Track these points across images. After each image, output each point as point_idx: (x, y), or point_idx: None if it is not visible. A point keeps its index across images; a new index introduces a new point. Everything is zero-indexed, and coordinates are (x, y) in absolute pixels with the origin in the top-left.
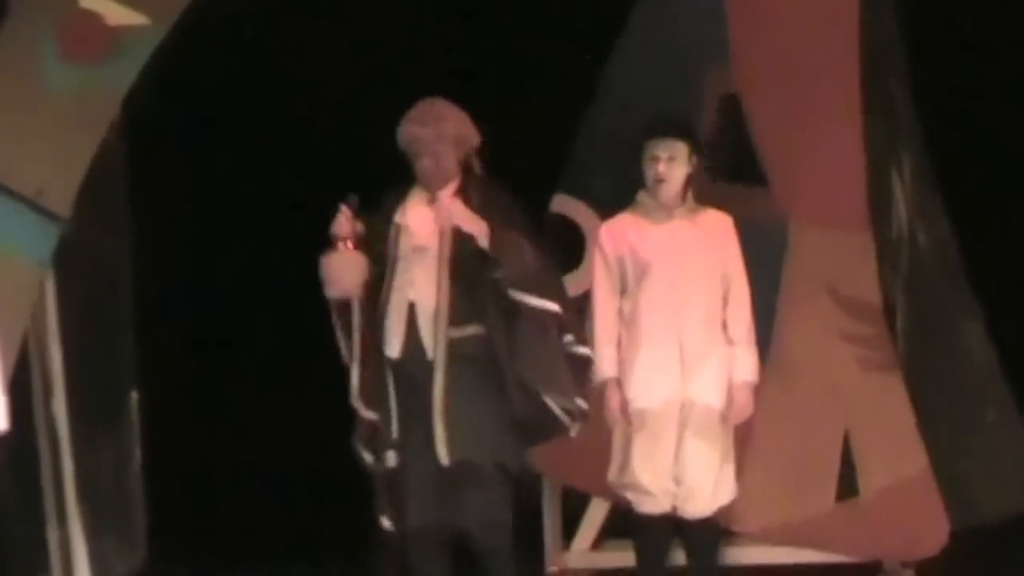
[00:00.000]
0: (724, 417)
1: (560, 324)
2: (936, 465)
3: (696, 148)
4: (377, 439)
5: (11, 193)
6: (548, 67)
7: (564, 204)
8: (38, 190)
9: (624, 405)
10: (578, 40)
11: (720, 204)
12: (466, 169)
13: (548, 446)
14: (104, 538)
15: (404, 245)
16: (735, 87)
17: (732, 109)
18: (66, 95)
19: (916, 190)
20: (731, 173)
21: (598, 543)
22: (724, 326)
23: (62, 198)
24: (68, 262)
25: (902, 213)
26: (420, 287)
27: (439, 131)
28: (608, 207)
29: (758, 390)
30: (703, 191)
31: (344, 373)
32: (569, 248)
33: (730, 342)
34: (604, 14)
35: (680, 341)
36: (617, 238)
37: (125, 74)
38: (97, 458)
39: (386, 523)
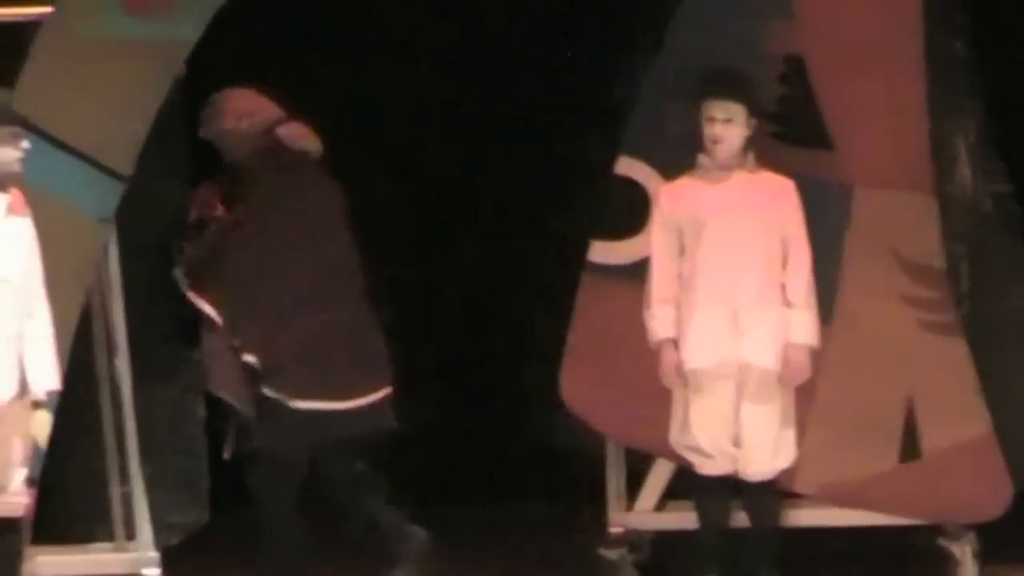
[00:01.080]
0: (781, 379)
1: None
2: (999, 426)
3: (755, 110)
4: None
5: (73, 150)
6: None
7: (628, 166)
8: (100, 147)
9: (679, 366)
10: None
11: (782, 166)
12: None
13: (611, 408)
14: (166, 495)
15: None
16: (799, 48)
17: (796, 70)
18: (130, 49)
19: (979, 150)
20: (794, 135)
21: (661, 504)
22: (783, 288)
23: (124, 155)
24: (130, 220)
25: (966, 174)
26: None
27: (210, 129)
28: (671, 168)
29: (820, 351)
30: (765, 153)
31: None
32: (635, 210)
33: (788, 304)
34: None
35: (734, 302)
36: (675, 200)
37: (190, 28)
38: (159, 415)
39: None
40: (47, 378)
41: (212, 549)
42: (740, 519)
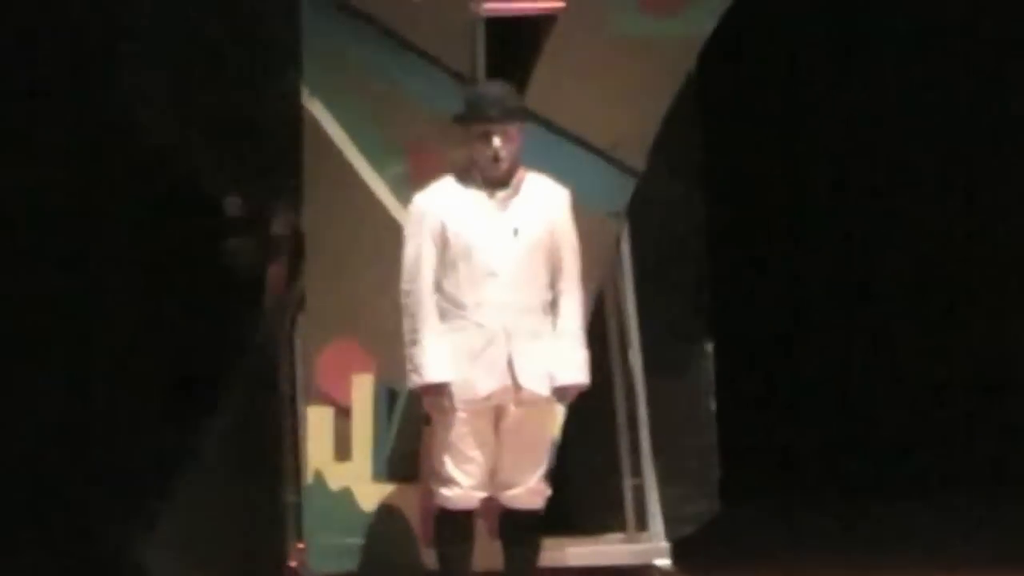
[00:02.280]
0: None
1: None
2: None
3: None
4: None
5: (587, 146)
6: None
7: None
8: (613, 143)
9: None
10: None
11: None
12: None
13: None
14: (678, 487)
15: None
16: None
17: None
18: (643, 47)
19: None
20: None
21: None
22: None
23: (637, 151)
24: (643, 215)
25: None
26: None
27: None
28: None
29: None
30: None
31: None
32: None
33: None
34: None
35: None
36: None
37: (702, 25)
38: (672, 409)
39: None
40: (575, 373)
41: (723, 541)
42: None
